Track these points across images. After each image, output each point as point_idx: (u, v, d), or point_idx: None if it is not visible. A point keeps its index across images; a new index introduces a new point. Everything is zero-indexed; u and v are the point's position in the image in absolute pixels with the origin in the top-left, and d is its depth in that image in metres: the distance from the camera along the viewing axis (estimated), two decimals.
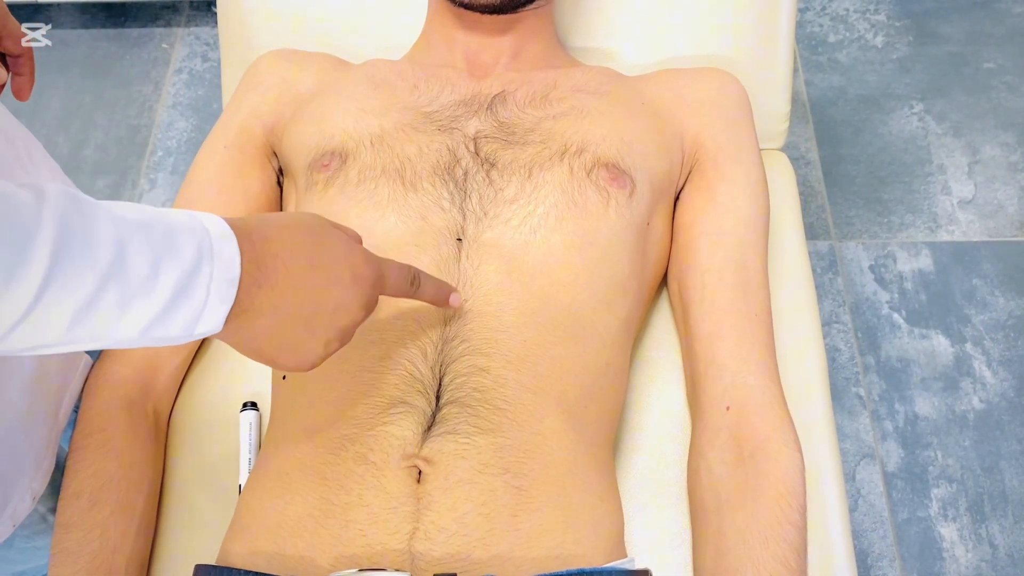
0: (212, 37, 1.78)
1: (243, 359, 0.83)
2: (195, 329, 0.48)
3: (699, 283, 0.77)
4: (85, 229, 0.43)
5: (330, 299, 0.54)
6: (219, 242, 0.48)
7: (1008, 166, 1.56)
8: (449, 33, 0.86)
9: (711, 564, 0.67)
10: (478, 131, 0.77)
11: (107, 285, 0.44)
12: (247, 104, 0.87)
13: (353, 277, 0.55)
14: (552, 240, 0.71)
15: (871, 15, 1.76)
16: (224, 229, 0.49)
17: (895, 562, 1.23)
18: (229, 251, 0.48)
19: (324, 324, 0.54)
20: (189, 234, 0.47)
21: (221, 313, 0.49)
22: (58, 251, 0.42)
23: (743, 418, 0.71)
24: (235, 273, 0.48)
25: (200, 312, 0.48)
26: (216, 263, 0.48)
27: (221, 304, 0.48)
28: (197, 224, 0.48)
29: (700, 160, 0.82)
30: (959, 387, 1.35)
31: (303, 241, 0.53)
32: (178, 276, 0.46)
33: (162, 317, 0.46)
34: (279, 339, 0.53)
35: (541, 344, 0.68)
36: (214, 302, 0.48)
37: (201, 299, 0.47)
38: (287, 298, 0.52)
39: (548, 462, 0.65)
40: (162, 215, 0.48)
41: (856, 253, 1.48)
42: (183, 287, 0.46)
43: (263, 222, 0.53)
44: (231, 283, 0.48)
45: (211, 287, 0.47)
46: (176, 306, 0.46)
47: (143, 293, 0.45)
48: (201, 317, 0.48)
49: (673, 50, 0.97)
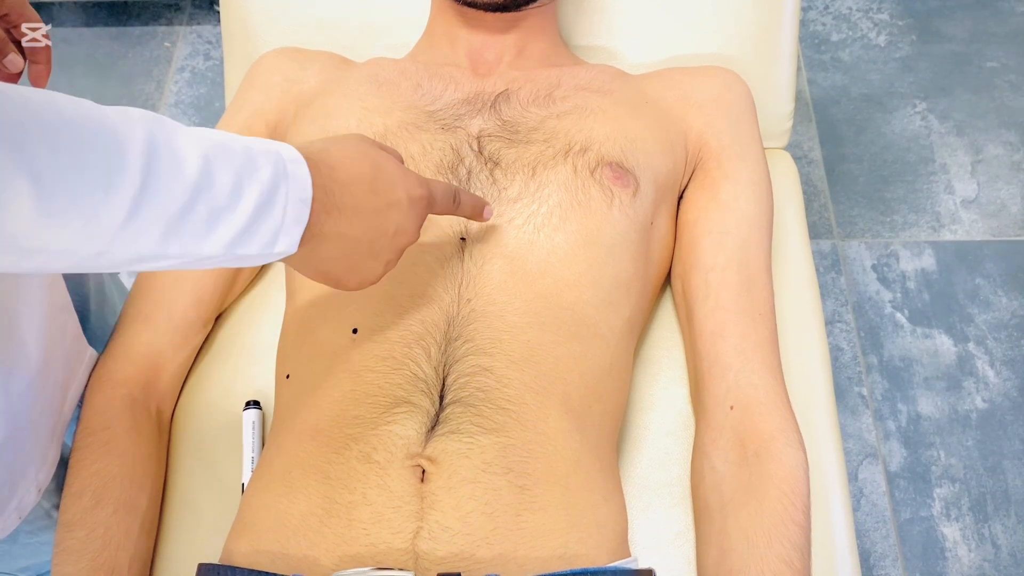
0: (214, 35, 1.78)
1: (246, 358, 0.84)
2: (274, 247, 0.50)
3: (703, 282, 0.77)
4: (171, 144, 0.45)
5: (391, 222, 0.57)
6: (292, 165, 0.50)
7: (1011, 165, 1.56)
8: (452, 31, 0.86)
9: (714, 564, 0.67)
10: (481, 130, 0.77)
11: (197, 198, 0.46)
12: (250, 103, 0.87)
13: (409, 200, 0.58)
14: (556, 239, 0.71)
15: (874, 14, 1.76)
16: (295, 154, 0.51)
17: (897, 562, 1.22)
18: (302, 173, 0.51)
19: (386, 246, 0.57)
20: (265, 155, 0.49)
21: (296, 233, 0.51)
22: (149, 163, 0.44)
23: (747, 417, 0.71)
24: (308, 194, 0.51)
25: (278, 231, 0.50)
26: (291, 184, 0.50)
27: (296, 225, 0.50)
28: (272, 147, 0.50)
29: (704, 159, 0.82)
30: (962, 387, 1.35)
31: (364, 168, 0.55)
32: (259, 194, 0.48)
33: (244, 233, 0.48)
34: (345, 262, 0.56)
35: (545, 344, 0.68)
36: (290, 222, 0.50)
37: (279, 218, 0.49)
38: (353, 224, 0.54)
39: (552, 461, 0.65)
40: (238, 138, 0.49)
41: (859, 252, 1.48)
42: (263, 205, 0.48)
43: (326, 151, 0.54)
44: (304, 203, 0.50)
45: (287, 207, 0.49)
46: (257, 223, 0.48)
47: (228, 208, 0.47)
48: (279, 236, 0.50)
49: (676, 49, 0.96)
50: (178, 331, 0.79)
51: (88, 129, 0.42)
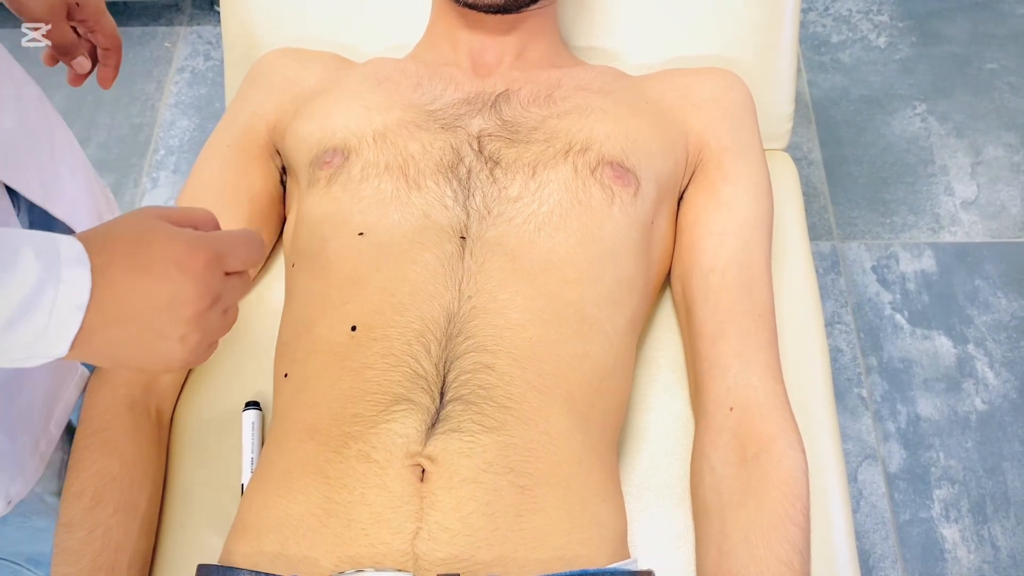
0: (214, 36, 1.78)
1: (246, 358, 0.84)
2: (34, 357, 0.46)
3: (703, 283, 0.77)
4: None
5: (159, 297, 0.51)
6: (69, 267, 0.46)
7: (1011, 167, 1.56)
8: (453, 32, 0.86)
9: (714, 565, 0.67)
10: (482, 129, 0.77)
11: None
12: (250, 103, 0.87)
13: (178, 268, 0.52)
14: (556, 238, 0.71)
15: (874, 16, 1.76)
16: (79, 253, 0.47)
17: (897, 563, 1.22)
18: (78, 276, 0.47)
19: (166, 322, 0.52)
20: (35, 256, 0.45)
21: (66, 337, 0.47)
22: None
23: (746, 419, 0.71)
24: (83, 299, 0.46)
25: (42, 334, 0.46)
26: (61, 289, 0.46)
27: (66, 329, 0.46)
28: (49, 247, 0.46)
29: (704, 160, 0.82)
30: (961, 388, 1.35)
31: (122, 247, 0.51)
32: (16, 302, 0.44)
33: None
34: (128, 347, 0.51)
35: (547, 342, 0.68)
36: (56, 327, 0.46)
37: (42, 324, 0.45)
38: (115, 308, 0.49)
39: (554, 461, 0.65)
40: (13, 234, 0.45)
41: (859, 254, 1.48)
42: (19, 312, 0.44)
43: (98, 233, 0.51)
44: (77, 309, 0.46)
45: (54, 311, 0.45)
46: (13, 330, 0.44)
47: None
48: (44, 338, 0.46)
49: (677, 50, 0.96)
50: None
51: None
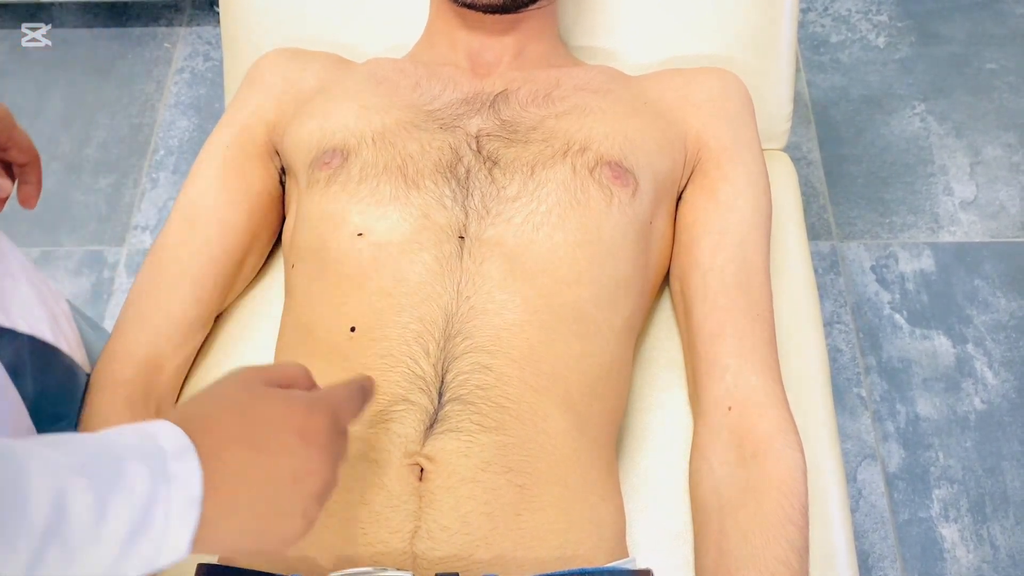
0: (214, 36, 1.78)
1: (246, 358, 0.84)
2: (157, 561, 0.42)
3: (701, 283, 0.77)
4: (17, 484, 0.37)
5: (285, 473, 0.47)
6: (175, 460, 0.43)
7: (1010, 167, 1.56)
8: (452, 32, 0.86)
9: (713, 564, 0.67)
10: (480, 129, 0.77)
11: (46, 543, 0.38)
12: (249, 103, 0.87)
13: (302, 438, 0.48)
14: (555, 238, 0.71)
15: (873, 16, 1.76)
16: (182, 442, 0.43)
17: (896, 563, 1.23)
18: (187, 468, 0.43)
19: (291, 499, 0.47)
20: (140, 458, 0.41)
21: (184, 538, 0.42)
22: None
23: (744, 418, 0.71)
24: (196, 492, 0.43)
25: (160, 543, 0.42)
26: (173, 486, 0.42)
27: (183, 529, 0.42)
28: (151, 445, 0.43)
29: (702, 160, 0.82)
30: (960, 388, 1.35)
31: (230, 423, 0.47)
32: (129, 512, 0.40)
33: (116, 561, 0.40)
34: (251, 533, 0.46)
35: (545, 342, 0.68)
36: (175, 529, 0.42)
37: (160, 530, 0.41)
38: (239, 494, 0.45)
39: (552, 461, 0.65)
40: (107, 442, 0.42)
41: (858, 253, 1.48)
42: (137, 522, 0.40)
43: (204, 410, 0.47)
44: (192, 503, 0.42)
45: (169, 513, 0.42)
46: (133, 544, 0.41)
47: (91, 541, 0.39)
48: (162, 548, 0.42)
49: (675, 50, 0.97)
50: (178, 331, 0.79)
51: None
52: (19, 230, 1.55)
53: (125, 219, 1.56)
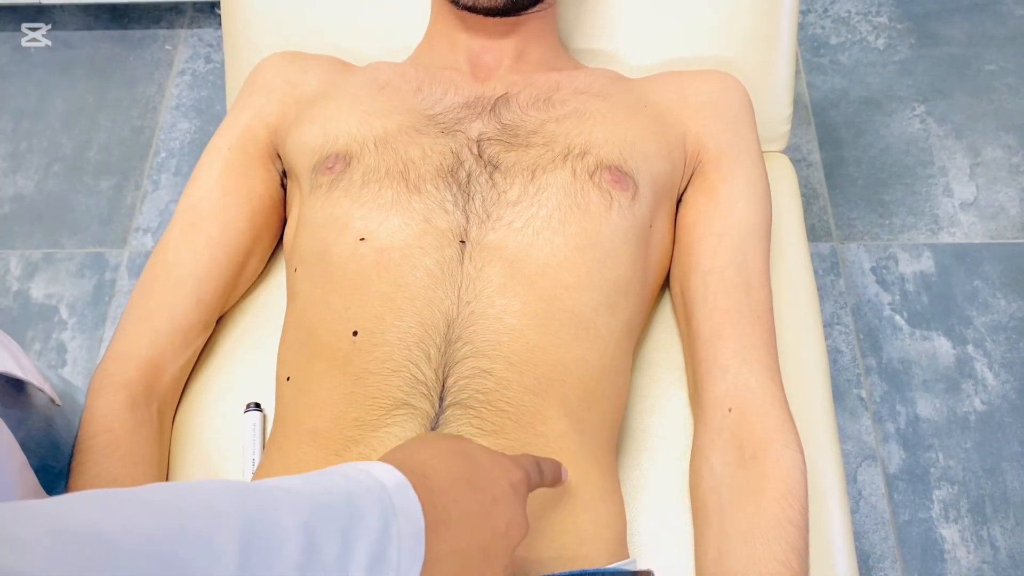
0: (215, 39, 1.78)
1: (248, 360, 0.84)
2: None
3: (701, 284, 0.77)
4: (268, 525, 0.39)
5: (501, 519, 0.49)
6: (397, 496, 0.44)
7: (1010, 168, 1.56)
8: (452, 35, 0.86)
9: (713, 565, 0.68)
10: (481, 133, 0.78)
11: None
12: (251, 106, 0.87)
13: (512, 487, 0.51)
14: (555, 242, 0.71)
15: (873, 17, 1.76)
16: (397, 478, 0.45)
17: (896, 563, 1.23)
18: (410, 503, 0.45)
19: (501, 547, 0.49)
20: (369, 494, 0.43)
21: (415, 572, 0.44)
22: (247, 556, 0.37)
23: (745, 419, 0.71)
24: (420, 524, 0.44)
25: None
26: (401, 520, 0.44)
27: (413, 563, 0.44)
28: (372, 480, 0.44)
29: (702, 162, 0.82)
30: (960, 389, 1.35)
31: (458, 466, 0.49)
32: (369, 548, 0.42)
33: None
34: None
35: (544, 346, 0.68)
36: (407, 563, 0.44)
37: (395, 564, 0.43)
38: (462, 534, 0.47)
39: None
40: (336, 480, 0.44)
41: (858, 255, 1.48)
42: (376, 558, 0.42)
43: (412, 458, 0.48)
44: (418, 536, 0.44)
45: (401, 549, 0.43)
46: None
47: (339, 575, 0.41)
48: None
49: (675, 52, 0.97)
50: (180, 333, 0.79)
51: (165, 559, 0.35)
52: (20, 232, 1.55)
53: (126, 221, 1.56)
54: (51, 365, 1.42)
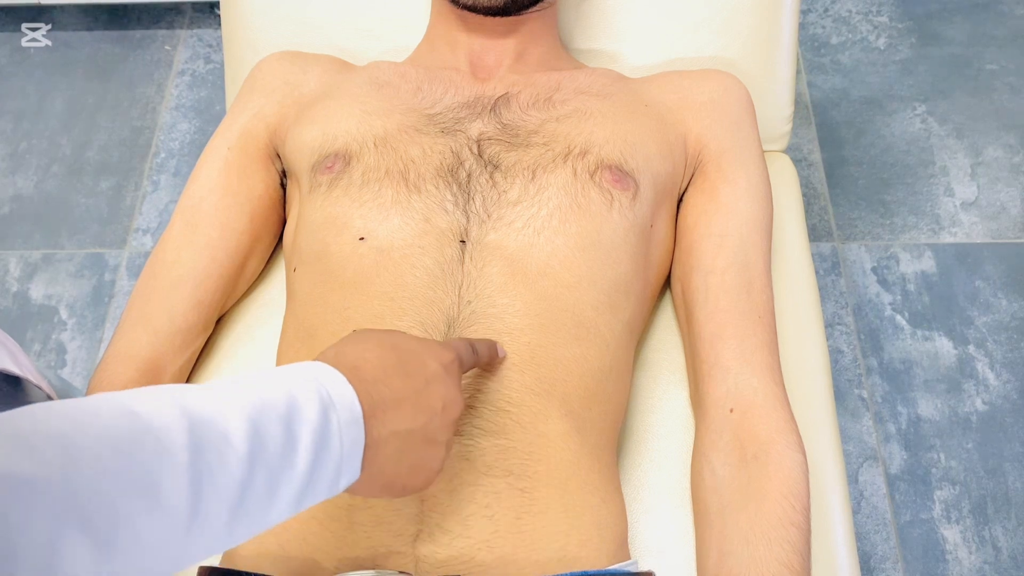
0: (215, 39, 1.78)
1: (247, 361, 0.84)
2: (339, 481, 0.46)
3: (702, 285, 0.77)
4: (214, 423, 0.41)
5: (436, 398, 0.52)
6: (332, 387, 0.47)
7: (1011, 168, 1.56)
8: (452, 35, 0.86)
9: (714, 566, 0.67)
10: (481, 133, 0.77)
11: (252, 470, 0.42)
12: (250, 106, 0.87)
13: (443, 367, 0.54)
14: (556, 242, 0.71)
15: (873, 17, 1.76)
16: (332, 372, 0.48)
17: (898, 564, 1.22)
18: (345, 391, 0.47)
19: (439, 426, 0.52)
20: (305, 386, 0.46)
21: (357, 457, 0.47)
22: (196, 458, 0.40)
23: (746, 420, 0.71)
24: (358, 411, 0.47)
25: (339, 464, 0.46)
26: (338, 408, 0.46)
27: (355, 447, 0.47)
28: (309, 377, 0.47)
29: (703, 162, 0.82)
30: (962, 389, 1.35)
31: (387, 354, 0.51)
32: (312, 436, 0.44)
33: (308, 483, 0.44)
34: (406, 462, 0.51)
35: (545, 346, 0.68)
36: (348, 448, 0.46)
37: (337, 450, 0.46)
38: (400, 416, 0.50)
39: (552, 464, 0.65)
40: (273, 378, 0.46)
41: (859, 255, 1.48)
42: (319, 445, 0.45)
43: (341, 353, 0.51)
44: (357, 422, 0.47)
45: (342, 435, 0.46)
46: (318, 467, 0.45)
47: (286, 465, 0.43)
48: (341, 468, 0.46)
49: (676, 52, 0.97)
50: (179, 334, 0.79)
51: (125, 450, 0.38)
52: (20, 233, 1.55)
53: (126, 222, 1.56)
54: (51, 366, 1.41)
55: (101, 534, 0.37)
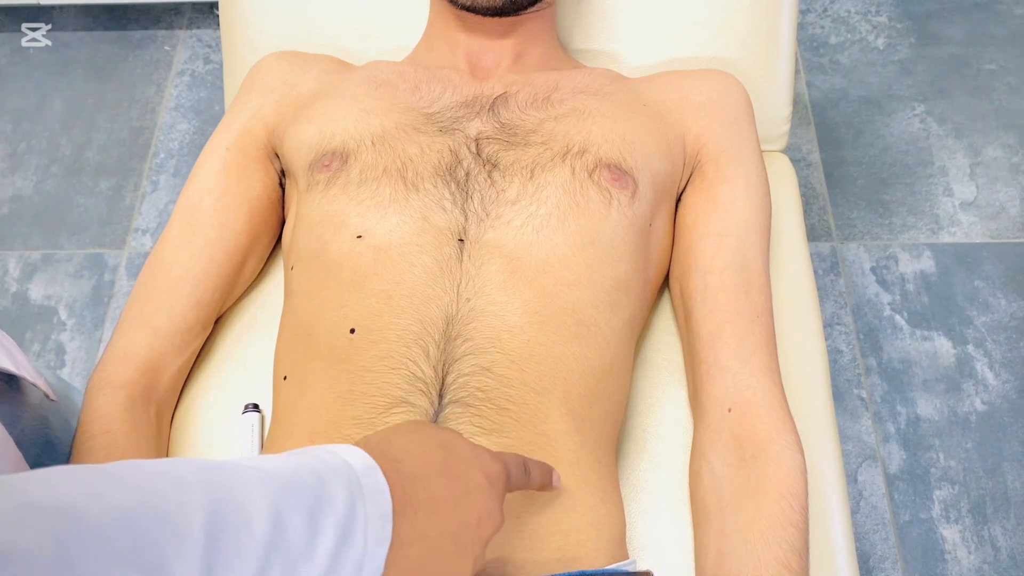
0: (214, 39, 1.78)
1: (246, 361, 0.84)
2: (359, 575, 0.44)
3: (701, 284, 0.77)
4: (236, 504, 0.39)
5: (473, 510, 0.49)
6: (365, 476, 0.45)
7: (1010, 167, 1.56)
8: (451, 35, 0.86)
9: (713, 566, 0.67)
10: (480, 132, 0.77)
11: (270, 557, 0.39)
12: (249, 106, 0.87)
13: (488, 479, 0.51)
14: (554, 240, 0.71)
15: (872, 17, 1.76)
16: (366, 460, 0.46)
17: (897, 564, 1.22)
18: (378, 484, 0.45)
19: (471, 538, 0.49)
20: (335, 475, 0.43)
21: (381, 555, 0.44)
22: (212, 542, 0.37)
23: (745, 420, 0.71)
24: (388, 507, 0.45)
25: (361, 559, 0.43)
26: (369, 501, 0.44)
27: (379, 546, 0.44)
28: (340, 462, 0.45)
29: (702, 162, 0.82)
30: (961, 389, 1.35)
31: (433, 453, 0.49)
32: (336, 527, 0.42)
33: (327, 574, 0.42)
34: (431, 568, 0.47)
35: (545, 344, 0.68)
36: (373, 544, 0.44)
37: (360, 545, 0.43)
38: (432, 521, 0.47)
39: (551, 463, 0.65)
40: (305, 460, 0.44)
41: (858, 255, 1.48)
42: (342, 538, 0.42)
43: (387, 441, 0.49)
44: (386, 519, 0.45)
45: (367, 530, 0.44)
46: (339, 560, 0.42)
47: (306, 555, 0.41)
48: (363, 564, 0.44)
49: (674, 52, 0.97)
50: (178, 334, 0.79)
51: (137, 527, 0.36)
52: (19, 233, 1.55)
53: (126, 222, 1.56)
54: (50, 366, 1.41)
55: None
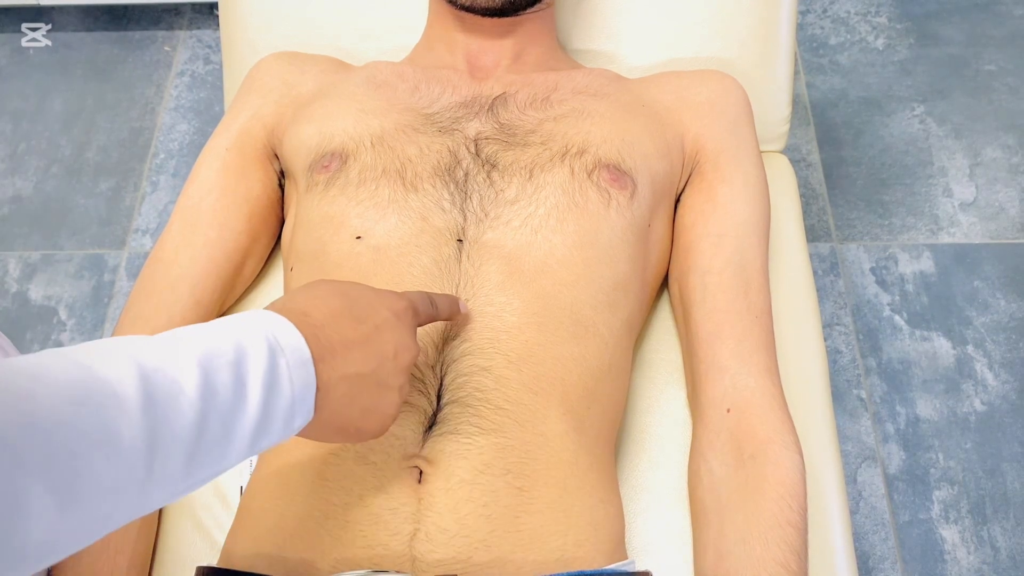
0: (214, 40, 1.78)
1: None
2: (293, 423, 0.48)
3: (700, 285, 0.77)
4: (165, 370, 0.42)
5: (387, 344, 0.54)
6: (279, 331, 0.48)
7: (1009, 168, 1.56)
8: (450, 35, 0.86)
9: (711, 566, 0.67)
10: (479, 132, 0.77)
11: (206, 415, 0.43)
12: (248, 107, 0.87)
13: (395, 314, 0.55)
14: (553, 240, 0.71)
15: (872, 17, 1.76)
16: (277, 318, 0.49)
17: (897, 564, 1.22)
18: (292, 336, 0.48)
19: (391, 370, 0.54)
20: (251, 333, 0.47)
21: (310, 399, 0.48)
22: (149, 404, 0.41)
23: (743, 420, 0.71)
24: (306, 353, 0.48)
25: (292, 406, 0.47)
26: (287, 352, 0.47)
27: (307, 390, 0.48)
28: (252, 322, 0.48)
29: (701, 162, 0.82)
30: (960, 389, 1.35)
31: (337, 300, 0.53)
32: (263, 379, 0.46)
33: (262, 425, 0.46)
34: (358, 405, 0.52)
35: (543, 344, 0.68)
36: (300, 390, 0.48)
37: (288, 392, 0.47)
38: (350, 359, 0.51)
39: (550, 463, 0.65)
40: (220, 326, 0.47)
41: (857, 255, 1.48)
42: (270, 388, 0.46)
43: (291, 300, 0.52)
44: (306, 364, 0.48)
45: (292, 377, 0.47)
46: (271, 409, 0.46)
47: (238, 408, 0.44)
48: (294, 410, 0.47)
49: (674, 52, 0.97)
50: None
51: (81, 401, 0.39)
52: (19, 234, 1.55)
53: (125, 223, 1.56)
54: None
55: (62, 484, 0.37)
